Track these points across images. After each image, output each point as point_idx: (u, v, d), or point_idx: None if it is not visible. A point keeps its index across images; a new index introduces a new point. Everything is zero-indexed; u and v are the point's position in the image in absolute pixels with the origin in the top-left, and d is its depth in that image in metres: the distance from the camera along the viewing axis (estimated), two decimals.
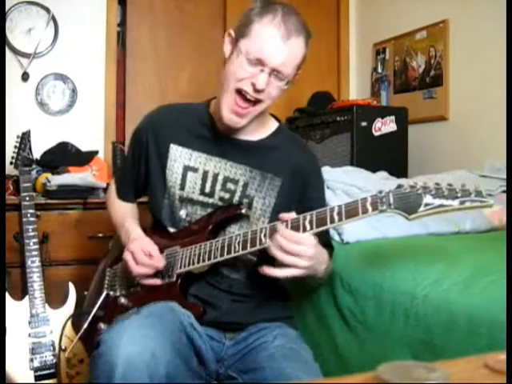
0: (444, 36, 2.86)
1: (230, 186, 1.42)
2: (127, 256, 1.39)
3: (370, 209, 1.17)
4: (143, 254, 1.38)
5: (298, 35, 1.30)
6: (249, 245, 1.28)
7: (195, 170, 1.44)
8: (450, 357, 0.85)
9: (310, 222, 1.22)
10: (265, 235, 1.26)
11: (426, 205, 1.12)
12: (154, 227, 1.51)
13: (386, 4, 3.29)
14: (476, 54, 2.70)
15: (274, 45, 1.28)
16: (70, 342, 1.93)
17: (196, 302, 1.38)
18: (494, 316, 1.23)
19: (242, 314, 1.42)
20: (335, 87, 3.49)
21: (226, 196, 1.44)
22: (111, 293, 1.49)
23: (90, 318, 1.46)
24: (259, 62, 1.28)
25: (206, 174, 1.43)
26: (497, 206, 2.14)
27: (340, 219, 1.19)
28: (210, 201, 1.44)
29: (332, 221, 1.20)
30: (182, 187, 1.44)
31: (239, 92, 1.32)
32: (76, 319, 1.70)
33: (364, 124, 2.66)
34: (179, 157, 1.45)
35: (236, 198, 1.43)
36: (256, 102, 1.33)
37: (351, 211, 1.19)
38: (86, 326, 1.46)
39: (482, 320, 1.26)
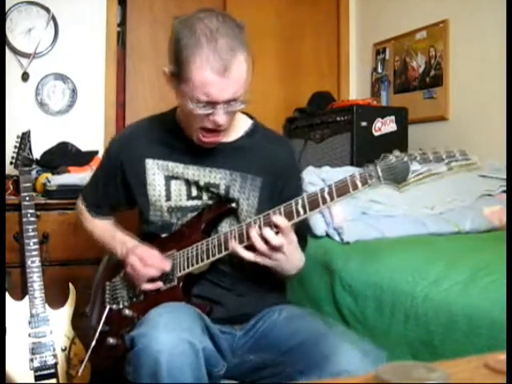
0: (444, 36, 2.86)
1: (213, 190, 1.42)
2: (134, 261, 1.39)
3: (359, 184, 1.18)
4: (149, 256, 1.39)
5: (234, 56, 1.22)
6: (245, 238, 1.28)
7: (176, 177, 1.43)
8: (450, 357, 0.85)
9: (303, 207, 1.23)
10: (260, 226, 1.27)
11: (414, 172, 1.14)
12: (145, 235, 1.50)
13: (386, 4, 3.29)
14: (476, 54, 2.70)
15: (216, 85, 1.22)
16: (69, 342, 1.94)
17: (201, 302, 1.38)
18: (494, 316, 1.23)
19: (247, 306, 1.43)
20: (335, 87, 3.49)
21: (214, 197, 1.44)
22: (114, 306, 1.48)
23: (97, 335, 1.46)
24: (209, 103, 1.25)
25: (187, 180, 1.43)
26: (497, 205, 2.15)
27: (332, 199, 1.20)
28: (199, 203, 1.44)
29: (324, 201, 1.21)
30: (168, 198, 1.44)
31: (203, 128, 1.31)
32: (83, 336, 1.72)
33: (364, 124, 2.66)
34: (157, 169, 1.44)
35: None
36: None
37: (341, 189, 1.20)
38: (93, 343, 1.46)
39: (481, 320, 1.26)
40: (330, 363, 1.15)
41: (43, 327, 1.94)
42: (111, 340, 1.42)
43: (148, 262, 1.38)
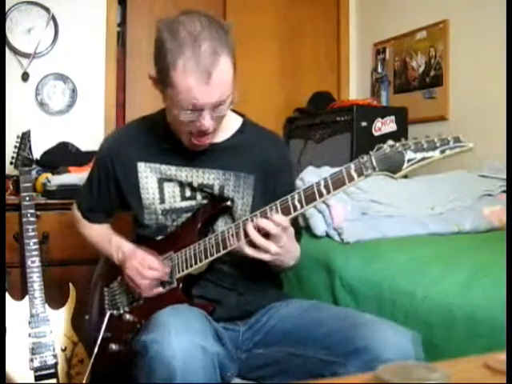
0: (444, 36, 2.86)
1: (207, 190, 1.42)
2: (133, 266, 1.38)
3: (355, 176, 1.19)
4: (148, 260, 1.38)
5: (217, 60, 1.19)
6: (243, 234, 1.28)
7: (170, 180, 1.43)
8: (450, 357, 0.85)
9: (300, 201, 1.23)
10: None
11: (409, 160, 1.15)
12: (140, 239, 1.49)
13: (386, 4, 3.29)
14: (476, 54, 2.70)
15: (200, 91, 1.20)
16: (69, 342, 1.94)
17: (204, 302, 1.37)
18: (494, 316, 1.23)
19: (247, 304, 1.43)
20: (335, 87, 3.49)
21: (208, 197, 1.43)
22: (114, 312, 1.47)
23: (99, 342, 1.45)
24: (195, 108, 1.23)
25: (180, 182, 1.43)
26: (497, 206, 2.14)
27: (328, 192, 1.21)
28: (194, 203, 1.43)
29: (321, 195, 1.21)
30: (162, 200, 1.43)
31: (190, 132, 1.31)
32: (84, 338, 1.73)
33: (364, 124, 2.66)
34: (150, 172, 1.43)
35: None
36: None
37: (337, 182, 1.20)
38: (96, 351, 1.45)
39: (481, 320, 1.26)
40: (370, 351, 1.12)
41: (43, 327, 1.94)
42: (114, 346, 1.41)
43: (147, 265, 1.37)
